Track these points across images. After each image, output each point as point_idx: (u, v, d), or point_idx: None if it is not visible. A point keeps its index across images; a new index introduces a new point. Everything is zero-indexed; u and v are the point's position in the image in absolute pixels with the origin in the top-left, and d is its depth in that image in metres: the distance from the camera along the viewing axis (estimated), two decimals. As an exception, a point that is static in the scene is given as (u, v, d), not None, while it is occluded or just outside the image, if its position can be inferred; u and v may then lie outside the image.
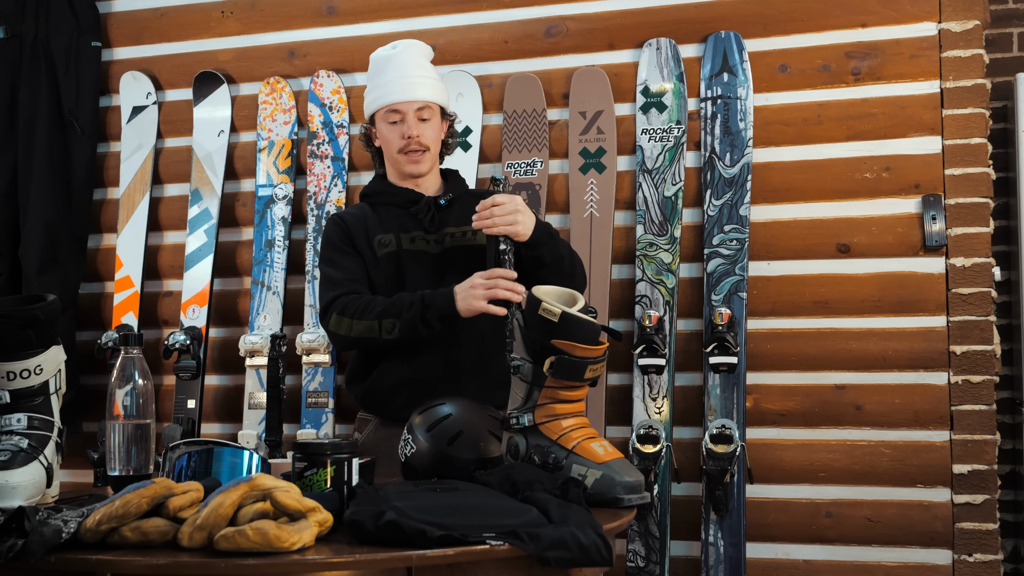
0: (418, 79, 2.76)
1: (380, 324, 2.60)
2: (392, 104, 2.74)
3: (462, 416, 2.21)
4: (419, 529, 1.62)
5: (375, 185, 2.86)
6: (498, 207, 2.54)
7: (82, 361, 3.79)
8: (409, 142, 2.72)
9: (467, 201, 2.79)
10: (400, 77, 2.75)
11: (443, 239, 2.73)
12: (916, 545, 3.16)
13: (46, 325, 2.01)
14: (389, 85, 2.75)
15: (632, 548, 3.28)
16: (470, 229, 2.72)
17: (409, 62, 2.78)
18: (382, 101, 2.76)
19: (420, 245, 2.73)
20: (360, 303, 2.63)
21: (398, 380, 2.67)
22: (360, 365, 2.78)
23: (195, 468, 1.96)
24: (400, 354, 2.67)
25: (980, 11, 3.25)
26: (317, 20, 3.80)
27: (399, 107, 2.73)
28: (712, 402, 3.26)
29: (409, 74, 2.75)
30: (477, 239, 2.71)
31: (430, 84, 2.77)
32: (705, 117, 3.39)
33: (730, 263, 3.30)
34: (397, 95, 2.74)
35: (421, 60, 2.81)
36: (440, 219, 2.75)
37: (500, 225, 2.53)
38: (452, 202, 2.78)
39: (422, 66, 2.79)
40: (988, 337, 3.16)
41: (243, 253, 3.80)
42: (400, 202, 2.77)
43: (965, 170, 3.21)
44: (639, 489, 2.07)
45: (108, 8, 4.03)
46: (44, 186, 3.82)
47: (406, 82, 2.74)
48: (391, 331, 2.60)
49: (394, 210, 2.77)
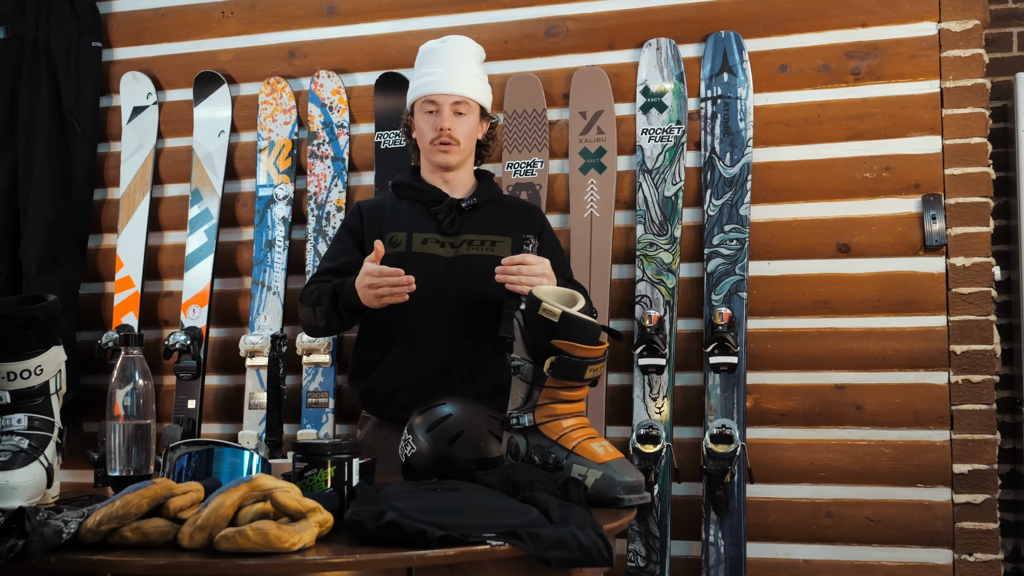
0: (458, 74, 2.77)
1: (314, 311, 2.68)
2: (429, 95, 2.76)
3: (462, 416, 2.21)
4: (419, 529, 1.62)
5: (405, 176, 2.86)
6: (527, 267, 2.51)
7: (82, 361, 3.79)
8: (441, 134, 2.73)
9: (494, 208, 2.79)
10: (441, 70, 2.77)
11: (459, 244, 2.72)
12: (916, 545, 3.16)
13: (46, 325, 2.01)
14: (429, 76, 2.77)
15: (632, 548, 3.28)
16: (490, 239, 2.71)
17: (453, 57, 2.79)
18: (420, 91, 2.78)
19: (432, 248, 2.71)
20: (311, 290, 2.70)
21: (396, 382, 2.67)
22: (361, 364, 2.78)
23: (195, 468, 1.96)
24: (399, 356, 2.67)
25: (980, 11, 3.25)
26: (317, 20, 3.80)
27: (436, 98, 2.75)
28: (712, 402, 3.26)
29: (451, 68, 2.77)
30: (495, 251, 2.70)
31: (470, 80, 2.78)
32: (705, 117, 3.40)
33: (730, 263, 3.30)
34: (435, 87, 2.76)
35: (466, 56, 2.81)
36: (461, 223, 2.74)
37: (525, 285, 2.48)
38: (477, 207, 2.76)
39: (465, 62, 2.80)
40: (988, 336, 3.16)
41: (243, 253, 3.80)
42: (424, 199, 2.77)
43: (965, 170, 3.21)
44: (639, 489, 2.08)
45: (108, 8, 4.03)
46: (44, 186, 3.82)
47: (446, 75, 2.76)
48: (320, 319, 2.68)
49: (417, 206, 2.77)
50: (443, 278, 2.67)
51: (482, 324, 2.60)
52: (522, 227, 2.79)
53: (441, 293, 2.66)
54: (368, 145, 3.69)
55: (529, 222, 2.83)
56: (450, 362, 2.64)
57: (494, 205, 2.81)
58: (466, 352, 2.64)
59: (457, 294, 2.65)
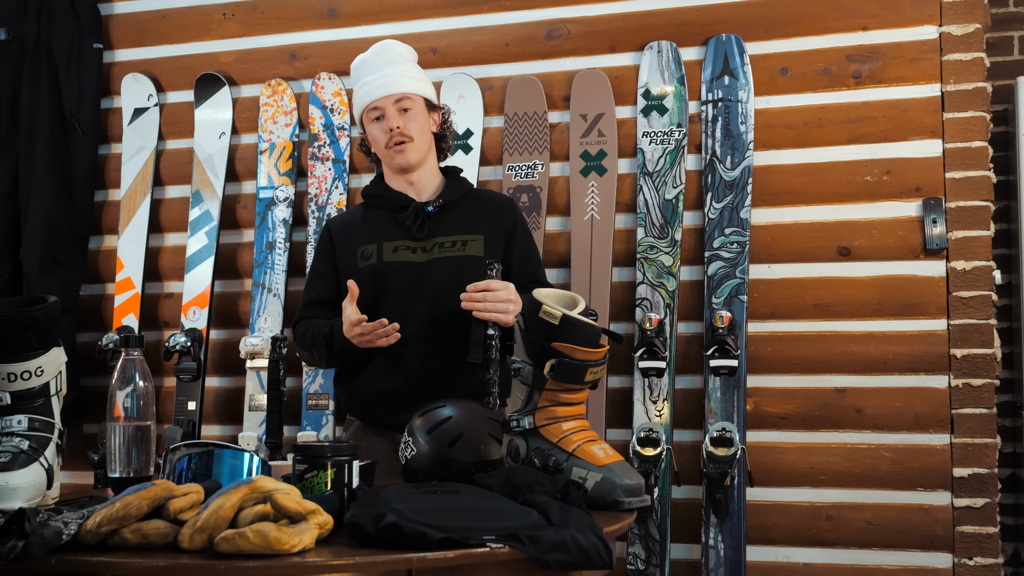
0: (392, 75, 2.76)
1: (312, 355, 2.74)
2: (371, 102, 2.75)
3: (463, 418, 2.21)
4: (419, 531, 1.62)
5: (372, 187, 2.85)
6: (492, 292, 2.50)
7: (83, 362, 3.79)
8: (392, 134, 2.72)
9: (464, 206, 2.76)
10: (375, 76, 2.76)
11: (431, 248, 2.70)
12: (916, 548, 3.16)
13: (47, 327, 2.01)
14: (367, 86, 2.77)
15: (632, 551, 3.28)
16: (461, 239, 2.70)
17: (381, 60, 2.79)
18: (362, 102, 2.78)
19: (404, 255, 2.69)
20: (303, 331, 2.73)
21: (378, 388, 2.66)
22: (344, 369, 2.77)
23: (195, 470, 1.96)
24: (380, 362, 2.65)
25: (981, 14, 3.25)
26: (318, 22, 3.80)
27: (377, 103, 2.74)
28: (712, 405, 3.26)
29: (383, 71, 2.76)
30: (468, 250, 2.69)
31: (406, 77, 2.77)
32: (706, 120, 3.40)
33: (731, 266, 3.30)
34: (374, 93, 2.75)
35: (394, 57, 2.81)
36: (431, 226, 2.71)
37: (491, 312, 2.48)
38: (445, 208, 2.73)
39: (396, 62, 2.79)
40: (988, 340, 3.16)
41: (244, 255, 3.80)
42: (390, 206, 2.75)
43: (966, 173, 3.21)
44: (639, 492, 2.07)
45: (110, 10, 4.03)
46: (45, 187, 3.82)
47: (380, 79, 2.75)
48: (321, 361, 2.74)
49: (385, 215, 2.75)
50: (421, 284, 2.65)
51: (460, 326, 2.58)
52: (495, 222, 2.75)
53: (417, 299, 2.64)
54: (369, 147, 3.69)
55: (502, 217, 2.77)
56: (429, 367, 2.62)
57: (464, 203, 2.77)
58: (444, 356, 2.62)
59: (433, 298, 2.62)
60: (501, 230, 2.75)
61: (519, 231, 2.79)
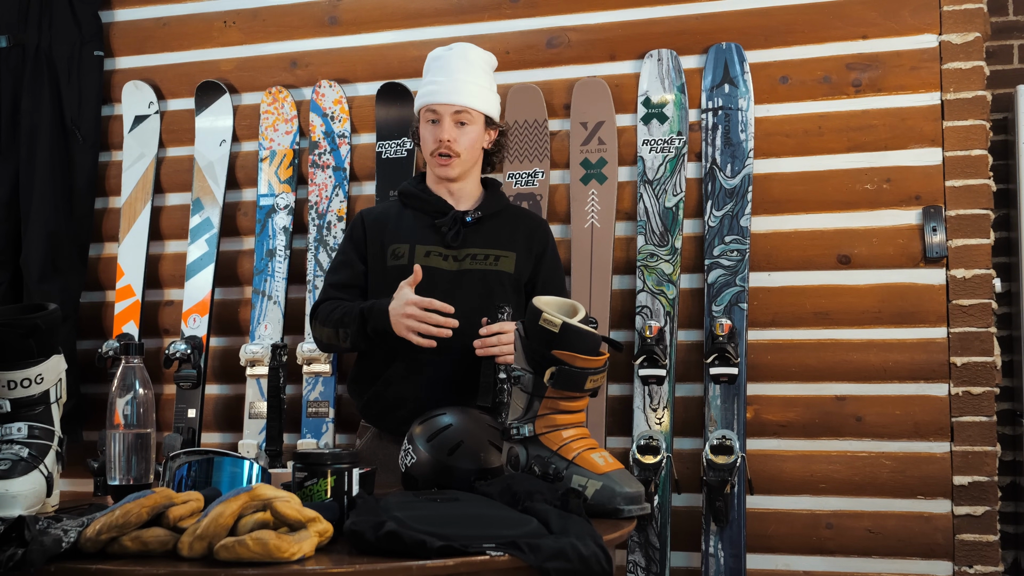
0: (461, 83, 2.74)
1: (337, 332, 2.67)
2: (431, 104, 2.74)
3: (463, 426, 2.21)
4: (419, 539, 1.62)
5: (411, 185, 2.84)
6: (504, 335, 2.52)
7: (83, 370, 3.79)
8: (440, 145, 2.71)
9: (500, 221, 2.77)
10: (444, 79, 2.74)
11: (463, 258, 2.71)
12: (916, 556, 3.16)
13: (47, 334, 2.01)
14: (432, 85, 2.76)
15: (632, 559, 3.27)
16: (494, 254, 2.70)
17: (456, 65, 2.76)
18: (423, 100, 2.77)
19: (435, 261, 2.69)
20: (330, 309, 2.68)
21: (398, 395, 2.66)
22: (363, 373, 2.77)
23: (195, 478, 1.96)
24: (401, 369, 2.66)
25: (981, 23, 3.25)
26: (319, 30, 3.81)
27: (437, 108, 2.73)
28: (712, 413, 3.26)
29: (454, 77, 2.74)
30: (499, 265, 2.70)
31: (473, 90, 2.75)
32: (706, 128, 3.40)
33: (731, 274, 3.30)
34: (436, 96, 2.74)
35: (470, 65, 2.78)
36: (465, 236, 2.72)
37: (504, 355, 2.51)
38: (482, 220, 2.74)
39: (469, 71, 2.76)
40: (988, 349, 3.16)
41: (244, 262, 3.80)
42: (428, 210, 2.75)
43: (966, 182, 3.21)
44: (639, 500, 2.07)
45: (110, 18, 4.04)
46: (46, 195, 3.82)
47: (448, 85, 2.73)
48: (344, 340, 2.67)
49: (421, 217, 2.75)
50: (447, 293, 2.62)
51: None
52: (527, 243, 2.78)
53: None
54: (369, 155, 3.70)
55: (535, 238, 2.82)
56: (452, 377, 2.62)
57: (500, 217, 2.79)
58: (467, 367, 2.62)
59: (459, 310, 2.61)
60: (532, 252, 2.79)
61: (548, 253, 2.84)
